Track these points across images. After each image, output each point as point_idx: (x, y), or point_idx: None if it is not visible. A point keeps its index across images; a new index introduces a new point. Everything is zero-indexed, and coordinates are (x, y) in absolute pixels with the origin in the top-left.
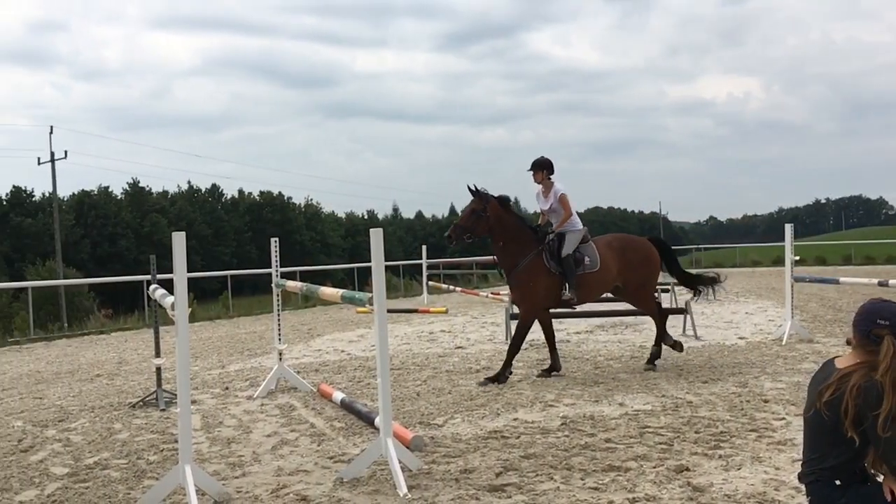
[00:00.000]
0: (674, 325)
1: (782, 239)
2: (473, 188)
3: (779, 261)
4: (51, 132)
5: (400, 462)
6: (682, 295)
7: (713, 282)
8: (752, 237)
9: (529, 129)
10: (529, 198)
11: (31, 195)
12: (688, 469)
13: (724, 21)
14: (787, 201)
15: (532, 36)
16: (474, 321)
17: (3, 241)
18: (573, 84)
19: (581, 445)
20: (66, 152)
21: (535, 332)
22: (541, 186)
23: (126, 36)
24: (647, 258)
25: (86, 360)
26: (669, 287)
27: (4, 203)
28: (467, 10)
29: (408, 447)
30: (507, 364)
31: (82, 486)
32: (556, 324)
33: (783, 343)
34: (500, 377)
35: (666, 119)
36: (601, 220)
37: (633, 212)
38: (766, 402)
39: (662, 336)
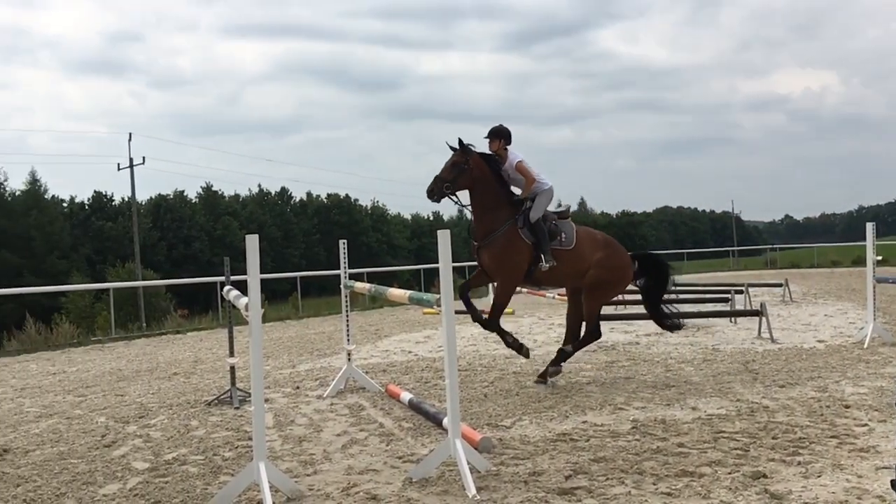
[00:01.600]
0: (749, 328)
1: (863, 238)
2: (458, 143)
3: (859, 261)
4: (129, 139)
5: (468, 463)
6: (758, 297)
7: (673, 326)
8: (830, 236)
9: (596, 128)
10: (595, 198)
11: (111, 200)
12: (765, 476)
13: (798, 13)
14: (867, 199)
15: (598, 34)
16: (541, 322)
17: (85, 244)
18: (641, 82)
19: (652, 450)
20: (143, 158)
21: (604, 332)
22: (498, 157)
23: (199, 45)
24: (621, 269)
25: (163, 359)
26: (744, 289)
27: (87, 208)
28: (532, 9)
29: (476, 448)
30: (503, 334)
31: (162, 480)
32: (625, 325)
33: (865, 346)
34: (507, 339)
35: (738, 116)
36: (670, 220)
37: (703, 211)
38: (847, 407)
39: (572, 352)
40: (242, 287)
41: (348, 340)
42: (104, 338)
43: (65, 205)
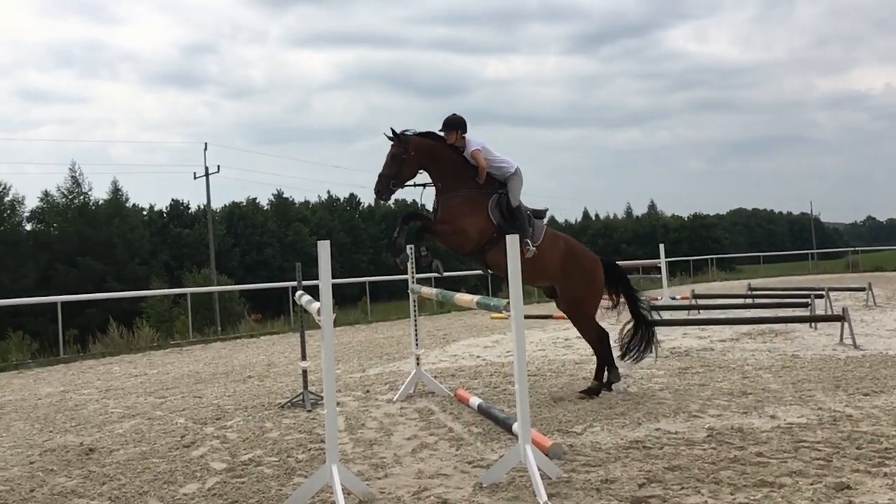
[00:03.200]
0: (830, 333)
1: None
2: (391, 133)
3: None
4: (205, 148)
5: (539, 469)
6: (839, 301)
7: (644, 340)
8: None
9: (665, 129)
10: (665, 200)
11: (187, 208)
12: (849, 487)
13: (879, 7)
14: None
15: (667, 34)
16: (610, 329)
17: (164, 251)
18: (712, 81)
19: (730, 459)
20: (218, 167)
21: (674, 339)
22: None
23: (269, 55)
24: (591, 277)
25: (238, 362)
26: (824, 293)
27: (165, 215)
28: (599, 11)
29: (546, 454)
30: (401, 228)
31: (238, 481)
32: (698, 330)
33: None
34: (393, 244)
35: (815, 114)
36: (745, 222)
37: (780, 213)
38: None
39: (608, 367)
40: (313, 292)
41: (417, 345)
42: (182, 341)
43: (144, 213)
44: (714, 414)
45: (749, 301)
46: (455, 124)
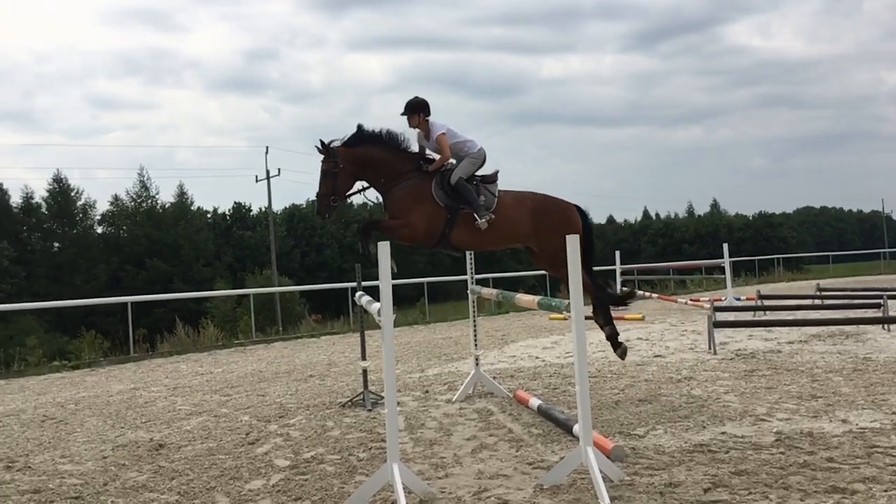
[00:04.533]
0: None
1: None
2: (320, 145)
3: None
4: (266, 152)
5: (601, 472)
6: None
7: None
8: None
9: (727, 126)
10: (728, 199)
11: (249, 210)
12: None
13: None
14: None
15: (728, 28)
16: (673, 329)
17: (227, 252)
18: (776, 76)
19: (799, 464)
20: (279, 170)
21: (740, 340)
22: (419, 131)
23: (327, 60)
24: (567, 224)
25: (300, 362)
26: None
27: (228, 218)
28: (657, 7)
29: (608, 457)
30: (364, 247)
31: (301, 478)
32: (764, 332)
33: None
34: (367, 259)
35: (885, 108)
36: (813, 221)
37: (850, 211)
38: None
39: (608, 321)
40: (373, 292)
41: (476, 345)
42: (246, 341)
43: (209, 215)
44: (782, 418)
45: (818, 302)
46: (417, 107)
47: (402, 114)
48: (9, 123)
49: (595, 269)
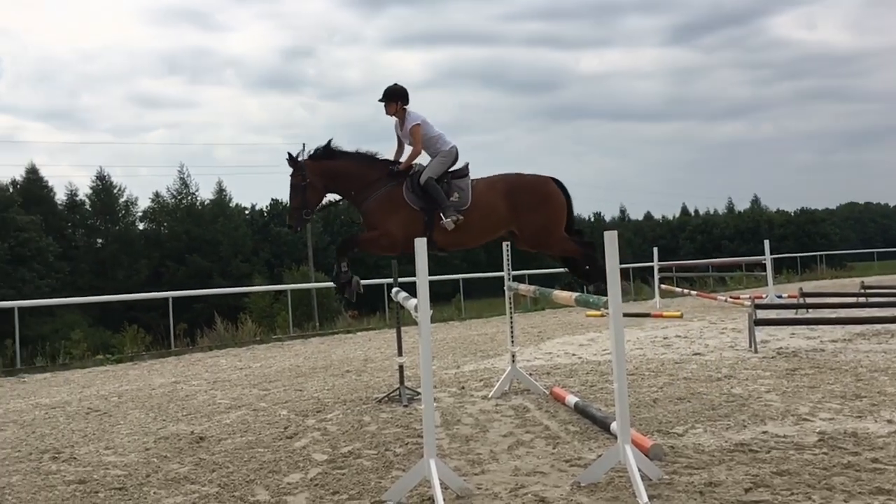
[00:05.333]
0: None
1: None
2: (289, 158)
3: None
4: (303, 149)
5: (639, 470)
6: None
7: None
8: None
9: (770, 120)
10: (770, 195)
11: (286, 206)
12: None
13: None
14: None
15: (772, 21)
16: (712, 327)
17: (265, 248)
18: (821, 69)
19: (843, 464)
20: None
21: (781, 339)
22: (396, 119)
23: (364, 57)
24: (545, 198)
25: (336, 357)
26: None
27: (265, 214)
28: (698, 0)
29: (647, 455)
30: (339, 262)
31: (339, 472)
32: (807, 330)
33: None
34: (336, 279)
35: None
36: (857, 217)
37: None
38: None
39: (596, 276)
40: (409, 289)
41: (512, 342)
42: (283, 336)
43: (247, 212)
44: (825, 417)
45: (862, 300)
46: (395, 94)
47: (380, 100)
48: (55, 122)
49: (638, 265)
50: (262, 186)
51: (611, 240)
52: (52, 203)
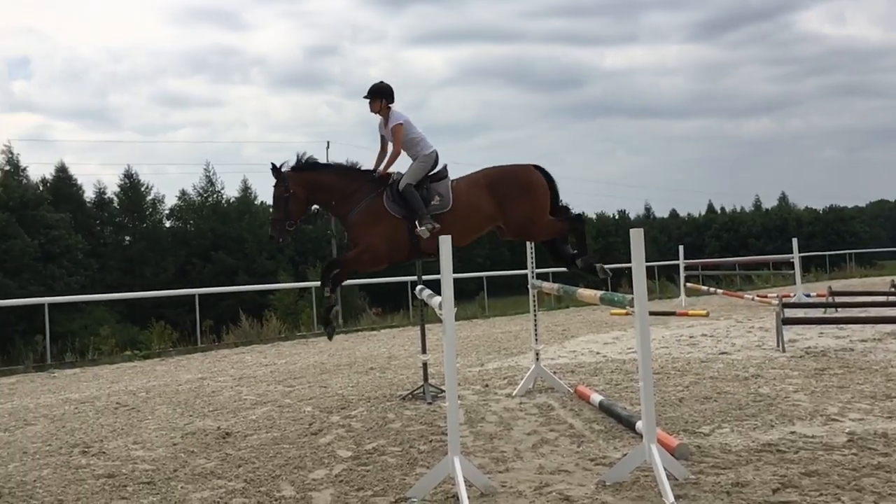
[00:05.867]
0: None
1: None
2: (272, 166)
3: None
4: (327, 147)
5: (665, 470)
6: None
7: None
8: None
9: (798, 116)
10: (798, 192)
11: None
12: None
13: None
14: None
15: (799, 16)
16: (739, 325)
17: (289, 246)
18: (849, 65)
19: (873, 465)
20: None
21: (810, 338)
22: (380, 118)
23: (387, 55)
24: (528, 187)
25: (360, 354)
26: None
27: None
28: None
29: (672, 454)
30: (323, 286)
31: (363, 469)
32: (836, 329)
33: None
34: (326, 302)
35: None
36: (887, 215)
37: None
38: None
39: (582, 250)
40: (433, 286)
41: (536, 340)
42: (308, 333)
43: (271, 210)
44: (855, 418)
45: (893, 299)
46: (380, 92)
47: (365, 97)
48: (85, 121)
49: (663, 263)
50: None
51: (636, 237)
52: (81, 201)
